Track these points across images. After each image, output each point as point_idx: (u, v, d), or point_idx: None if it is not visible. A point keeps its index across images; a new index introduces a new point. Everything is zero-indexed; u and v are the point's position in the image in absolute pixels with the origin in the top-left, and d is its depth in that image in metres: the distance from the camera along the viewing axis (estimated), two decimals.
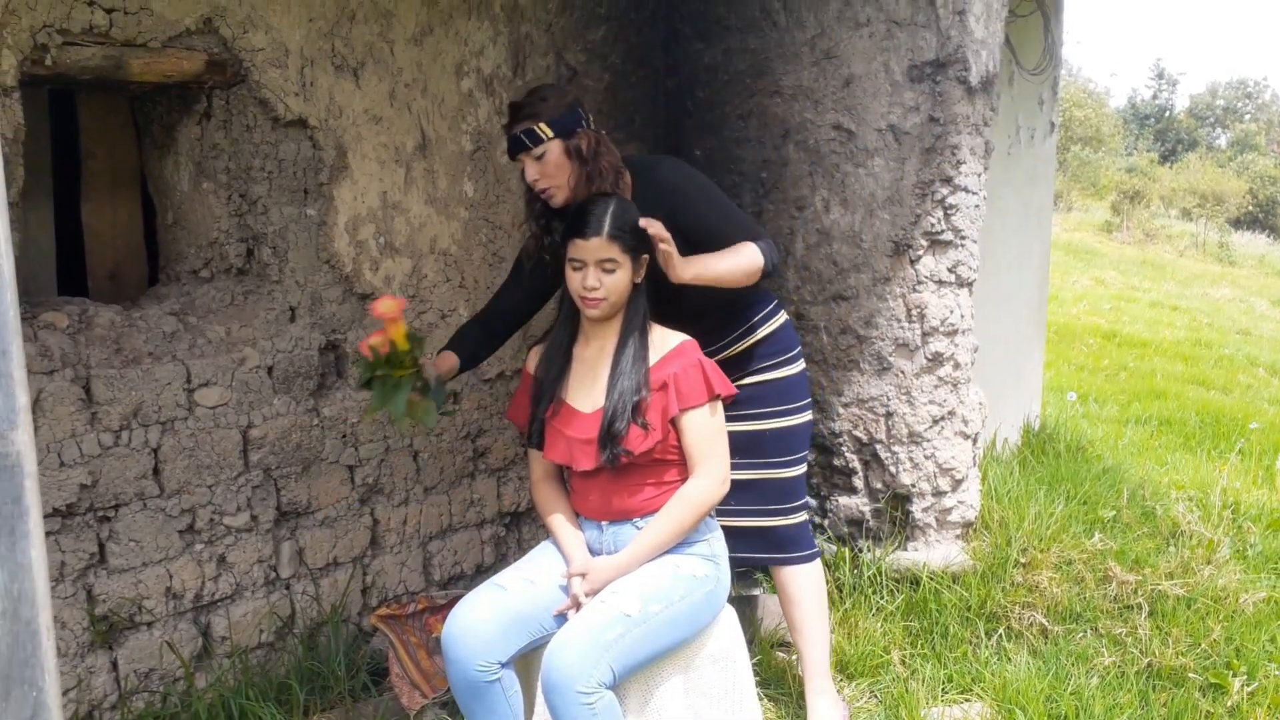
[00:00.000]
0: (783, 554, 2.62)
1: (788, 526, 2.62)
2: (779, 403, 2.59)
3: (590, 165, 2.35)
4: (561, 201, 2.37)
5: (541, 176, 2.34)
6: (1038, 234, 4.69)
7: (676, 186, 2.41)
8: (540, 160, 2.33)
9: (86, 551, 2.22)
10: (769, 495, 2.61)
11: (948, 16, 2.87)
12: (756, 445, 2.58)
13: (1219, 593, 3.11)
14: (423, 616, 2.61)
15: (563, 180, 2.35)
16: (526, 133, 2.32)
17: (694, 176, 2.47)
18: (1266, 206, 24.17)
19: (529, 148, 2.32)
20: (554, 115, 2.33)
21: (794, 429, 2.62)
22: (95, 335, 2.24)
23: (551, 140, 2.32)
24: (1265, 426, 5.85)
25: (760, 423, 2.58)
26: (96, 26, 2.12)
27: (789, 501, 2.63)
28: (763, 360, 2.58)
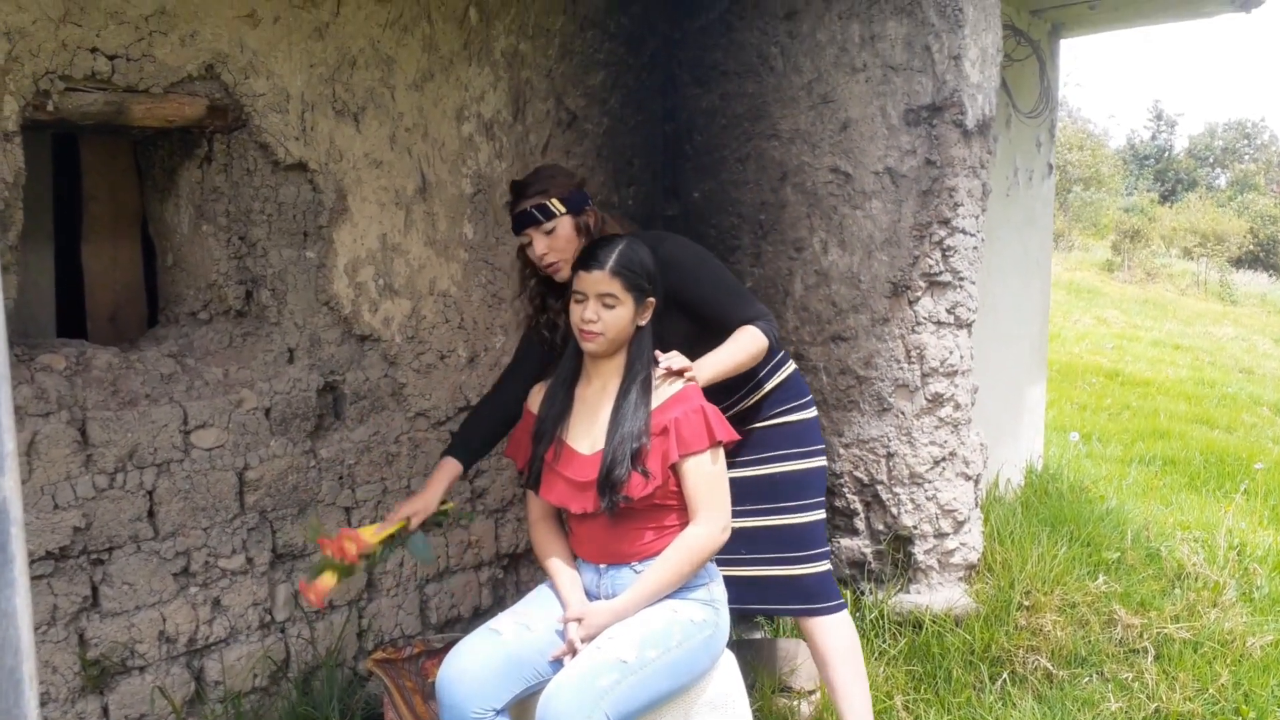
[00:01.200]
0: (807, 604, 2.53)
1: (809, 575, 2.54)
2: (791, 446, 2.56)
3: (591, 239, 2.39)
4: (566, 276, 2.38)
5: (550, 250, 2.36)
6: (1037, 274, 4.70)
7: (678, 262, 2.41)
8: (550, 235, 2.35)
9: (79, 595, 2.20)
10: (787, 542, 2.55)
11: (943, 61, 2.90)
12: (770, 490, 2.55)
13: (1226, 636, 3.07)
14: (419, 661, 2.58)
15: (570, 254, 2.36)
16: (539, 208, 2.35)
17: (695, 253, 2.47)
18: (1267, 245, 24.23)
19: (540, 222, 2.35)
20: (564, 193, 2.38)
21: (808, 473, 2.57)
22: (92, 377, 2.23)
23: (564, 215, 2.36)
24: (1270, 466, 5.81)
25: (772, 466, 2.55)
26: (99, 72, 2.15)
27: (808, 548, 2.56)
28: (773, 407, 2.57)
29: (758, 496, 2.53)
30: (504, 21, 2.90)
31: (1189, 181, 36.59)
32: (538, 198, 2.36)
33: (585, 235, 2.40)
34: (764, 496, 2.54)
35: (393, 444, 2.76)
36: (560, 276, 2.40)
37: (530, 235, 2.38)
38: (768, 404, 2.56)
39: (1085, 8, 4.17)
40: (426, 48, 2.72)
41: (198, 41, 2.29)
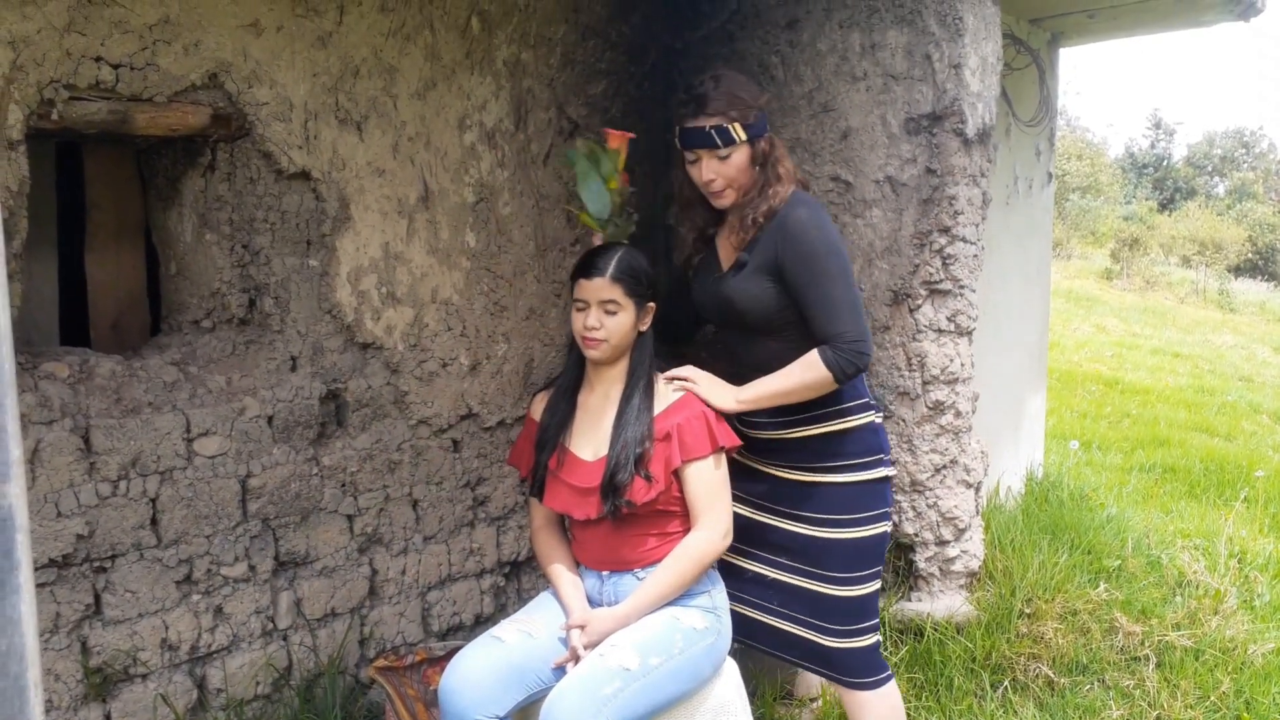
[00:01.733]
0: (846, 677, 2.30)
1: (852, 649, 2.27)
2: (853, 510, 2.26)
3: (769, 173, 2.24)
4: (728, 204, 2.26)
5: (720, 177, 2.21)
6: (1037, 282, 4.71)
7: (799, 238, 2.19)
8: (724, 161, 2.19)
9: (82, 603, 2.21)
10: (829, 612, 2.27)
11: (944, 70, 2.91)
12: (816, 554, 2.29)
13: (1227, 644, 3.07)
14: (421, 668, 2.58)
15: (740, 182, 2.23)
16: (719, 129, 2.16)
17: (820, 235, 2.20)
18: (1266, 254, 24.28)
19: (716, 146, 2.17)
20: (748, 117, 2.18)
21: (866, 542, 2.27)
22: (96, 385, 2.24)
23: (743, 143, 2.19)
24: (1270, 474, 5.81)
25: (830, 531, 2.28)
26: (103, 82, 2.15)
27: (855, 622, 2.27)
28: (835, 458, 2.28)
29: (804, 556, 2.30)
30: (506, 31, 2.91)
31: (1188, 190, 36.67)
32: (719, 118, 2.16)
33: (759, 167, 2.22)
34: (809, 558, 2.30)
35: (395, 452, 2.76)
36: (722, 203, 2.27)
37: (700, 155, 2.21)
38: (834, 451, 2.28)
39: (1084, 17, 4.19)
40: (429, 57, 2.73)
41: (201, 50, 2.30)
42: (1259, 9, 4.02)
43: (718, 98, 2.17)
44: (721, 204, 2.26)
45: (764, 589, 2.36)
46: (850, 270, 2.25)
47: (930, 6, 2.90)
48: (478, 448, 2.98)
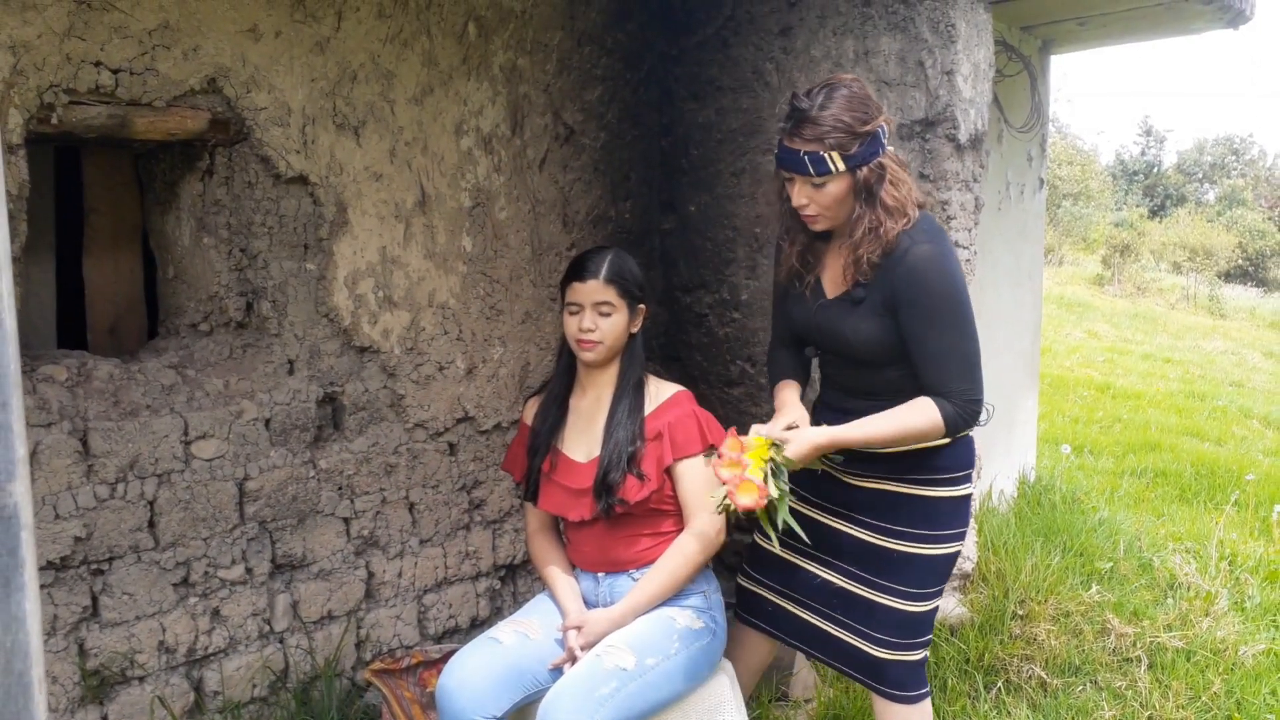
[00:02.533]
0: (888, 688, 2.22)
1: (899, 663, 2.19)
2: (925, 525, 2.15)
3: (871, 214, 2.00)
4: (822, 229, 2.09)
5: (812, 204, 2.02)
6: (1029, 287, 4.74)
7: (919, 281, 2.00)
8: (818, 189, 1.99)
9: (79, 605, 2.21)
10: (887, 625, 2.19)
11: (936, 76, 2.94)
12: (890, 566, 2.18)
13: (1218, 645, 3.10)
14: (417, 671, 2.59)
15: (837, 214, 2.04)
16: (813, 157, 1.95)
17: (940, 280, 2.00)
18: (1256, 260, 24.39)
19: (809, 173, 1.97)
20: (849, 146, 1.95)
21: (936, 558, 2.17)
22: (94, 388, 2.25)
23: (841, 174, 1.98)
24: (1261, 478, 5.85)
25: (899, 543, 2.17)
26: (103, 86, 2.17)
27: (911, 636, 2.19)
28: (915, 471, 2.15)
29: (874, 567, 2.20)
30: (502, 37, 2.93)
31: (1178, 196, 36.85)
32: (815, 144, 1.95)
33: (864, 199, 1.98)
34: (880, 570, 2.20)
35: (391, 455, 2.78)
36: (816, 228, 2.08)
37: (793, 179, 2.02)
38: (924, 465, 2.16)
39: (1075, 24, 4.23)
40: (426, 62, 2.75)
41: (200, 55, 2.31)
42: (1247, 17, 4.06)
43: (819, 120, 1.96)
44: (816, 228, 2.09)
45: (829, 596, 2.26)
46: (970, 317, 2.06)
47: (923, 13, 2.93)
48: (474, 451, 2.99)
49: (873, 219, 2.00)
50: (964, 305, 2.04)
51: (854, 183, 1.99)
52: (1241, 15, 4.02)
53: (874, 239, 2.01)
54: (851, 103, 1.99)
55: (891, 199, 2.01)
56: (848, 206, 2.03)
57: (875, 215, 2.00)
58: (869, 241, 2.01)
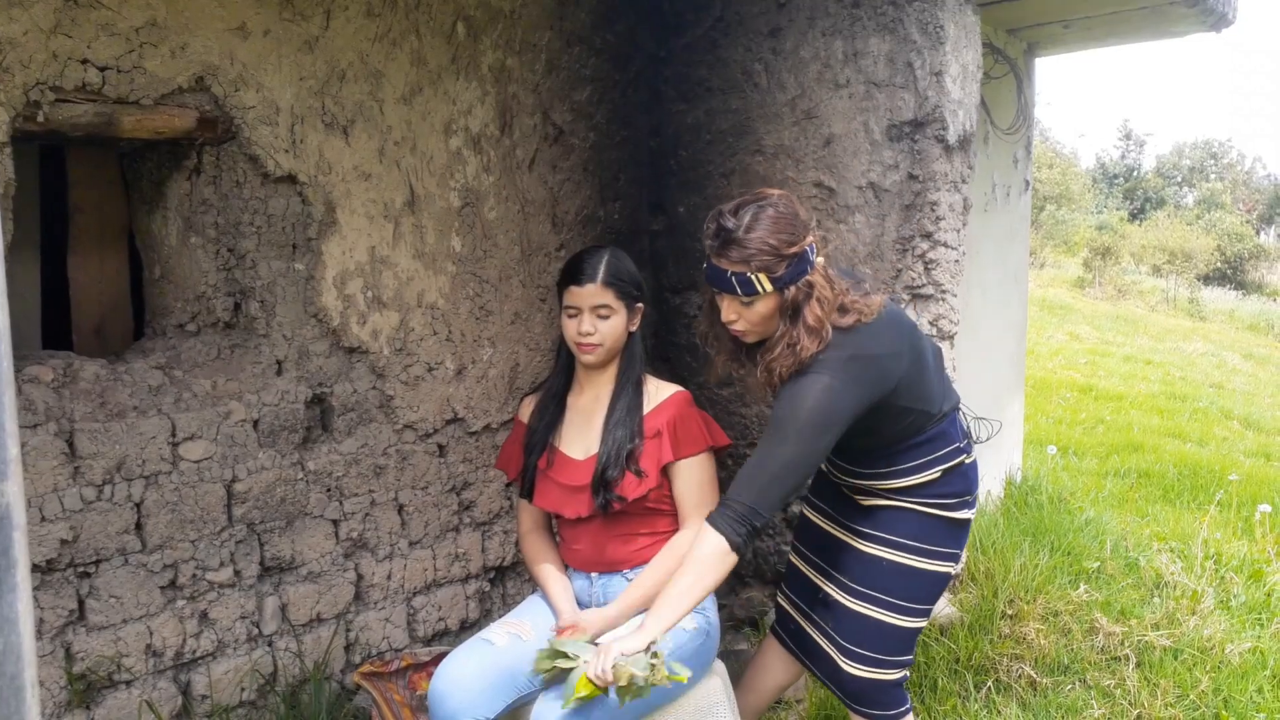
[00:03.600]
0: (855, 704, 2.23)
1: (868, 679, 2.19)
2: (919, 539, 2.15)
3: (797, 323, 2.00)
4: (752, 341, 2.10)
5: (741, 320, 2.04)
6: (1015, 288, 4.76)
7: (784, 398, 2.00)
8: (747, 307, 2.01)
9: (65, 608, 2.18)
10: (862, 637, 2.18)
11: (925, 78, 2.95)
12: (877, 575, 2.18)
13: (1205, 643, 3.12)
14: (407, 674, 2.57)
15: (765, 329, 2.05)
16: (740, 278, 1.96)
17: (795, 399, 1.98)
18: (1234, 263, 24.63)
19: (736, 293, 1.98)
20: (775, 269, 1.96)
21: (926, 574, 2.17)
22: (80, 389, 2.22)
23: (769, 294, 1.99)
24: (1243, 478, 5.90)
25: (890, 552, 2.17)
26: (90, 84, 2.15)
27: (884, 653, 2.18)
28: (924, 495, 2.17)
29: (859, 575, 2.20)
30: (491, 37, 2.92)
31: (1157, 200, 37.17)
32: (742, 266, 1.96)
33: (789, 317, 1.99)
34: (865, 579, 2.19)
35: (381, 456, 2.76)
36: (747, 340, 2.10)
37: (721, 297, 2.04)
38: (923, 490, 2.16)
39: (1060, 27, 4.25)
40: (415, 62, 2.74)
41: (188, 54, 2.29)
42: (1230, 20, 4.09)
43: (745, 243, 1.96)
44: (747, 340, 2.10)
45: (827, 610, 2.26)
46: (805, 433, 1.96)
47: (912, 15, 2.94)
48: (463, 452, 2.97)
49: (791, 337, 2.00)
50: (803, 423, 1.95)
51: (781, 302, 2.00)
52: (1224, 19, 4.05)
53: (788, 354, 2.00)
54: (778, 224, 1.98)
55: (813, 318, 1.99)
56: (773, 322, 2.03)
57: (795, 333, 2.00)
58: (784, 357, 2.00)
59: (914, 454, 2.14)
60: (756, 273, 1.95)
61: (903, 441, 2.13)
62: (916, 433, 2.13)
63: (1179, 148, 42.91)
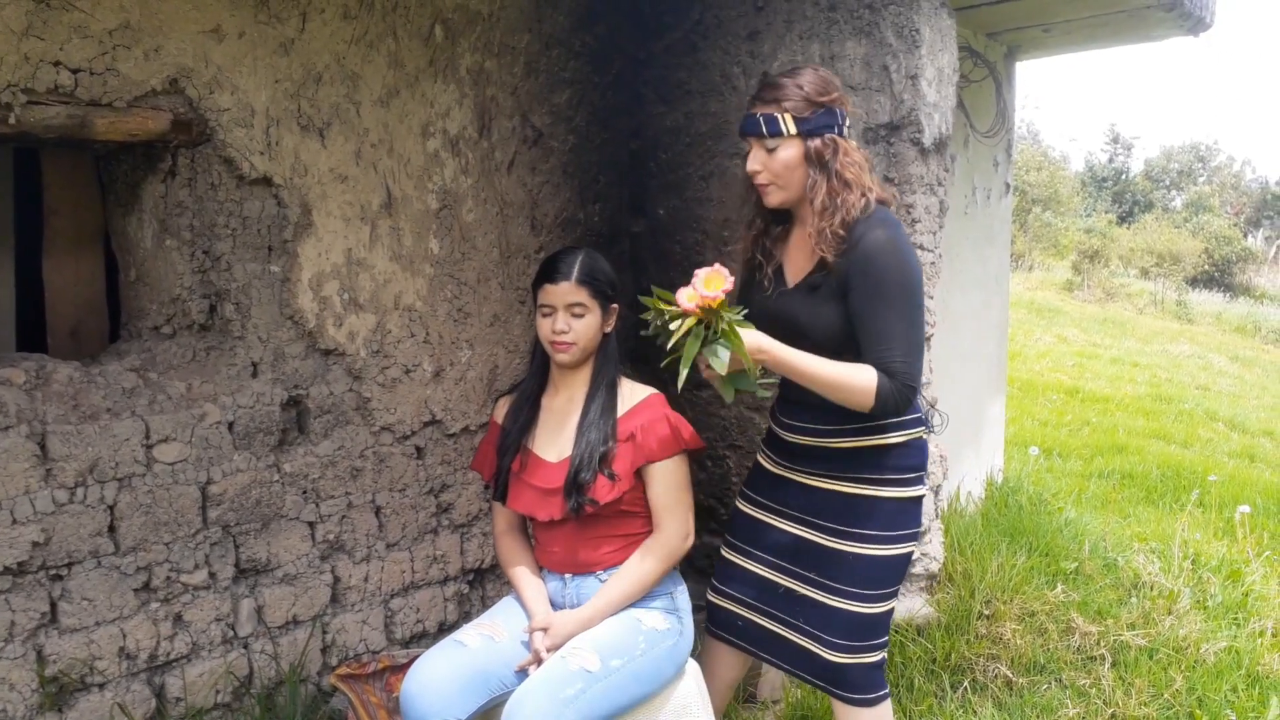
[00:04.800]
0: (844, 691, 2.22)
1: (853, 665, 2.20)
2: (881, 526, 2.17)
3: (831, 180, 2.03)
4: (775, 203, 2.12)
5: (764, 170, 2.07)
6: (996, 291, 4.78)
7: (872, 261, 2.02)
8: (770, 154, 2.05)
9: (37, 611, 2.18)
10: (840, 629, 2.19)
11: (901, 81, 2.97)
12: (842, 568, 2.19)
13: (1180, 643, 3.13)
14: (384, 676, 2.57)
15: (788, 185, 2.07)
16: (767, 118, 2.03)
17: (895, 262, 2.01)
18: (1222, 266, 24.72)
19: (762, 134, 2.04)
20: (802, 111, 2.02)
21: (890, 559, 2.18)
22: (53, 391, 2.22)
23: (791, 137, 2.04)
24: (1224, 479, 5.93)
25: (854, 545, 2.18)
26: (62, 86, 2.15)
27: (863, 639, 2.19)
28: (871, 470, 2.17)
29: (827, 569, 2.20)
30: (469, 39, 2.93)
31: (1146, 203, 37.32)
32: (771, 106, 2.03)
33: (817, 168, 2.03)
34: (833, 572, 2.20)
35: (357, 459, 2.76)
36: (768, 201, 2.12)
37: (750, 144, 2.09)
38: (877, 464, 2.17)
39: (1039, 31, 4.28)
40: (392, 64, 2.74)
41: (162, 56, 2.29)
42: (1207, 25, 4.12)
43: (780, 84, 2.05)
44: (769, 202, 2.13)
45: (777, 599, 2.27)
46: (920, 306, 2.04)
47: (888, 19, 2.95)
48: (441, 455, 2.98)
49: (830, 189, 2.04)
50: (915, 292, 2.03)
51: (805, 150, 2.05)
52: (1201, 23, 4.08)
53: (833, 210, 2.04)
54: (815, 76, 2.08)
55: (850, 173, 2.05)
56: (800, 177, 2.07)
57: (832, 185, 2.04)
58: (829, 214, 2.04)
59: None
60: (784, 113, 2.02)
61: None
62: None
63: (1167, 151, 43.10)
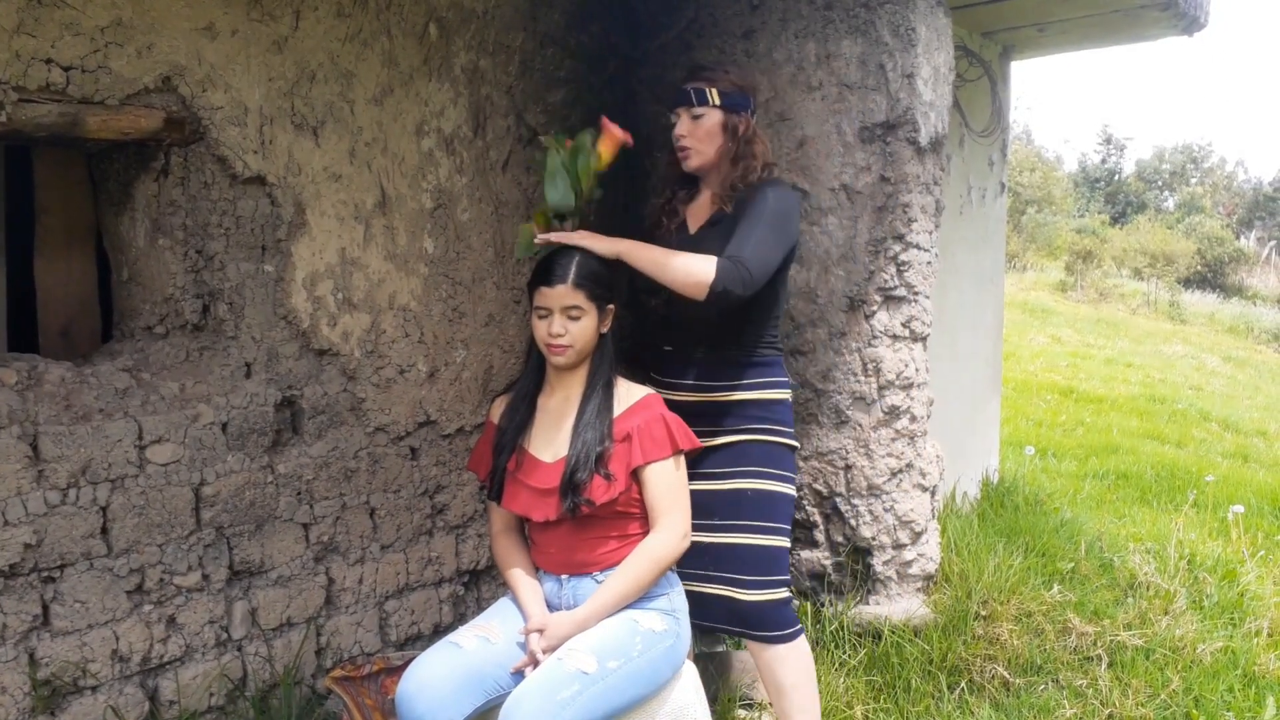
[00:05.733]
0: (757, 631, 2.42)
1: (764, 603, 2.41)
2: (765, 465, 2.45)
3: (740, 147, 2.45)
4: (694, 166, 2.50)
5: (689, 136, 2.46)
6: (991, 291, 4.78)
7: (758, 198, 2.40)
8: (695, 121, 2.45)
9: (29, 613, 2.16)
10: (745, 564, 2.42)
11: (897, 80, 2.96)
12: (735, 506, 2.44)
13: (1177, 643, 3.13)
14: (379, 678, 2.55)
15: (707, 149, 2.47)
16: (696, 90, 2.44)
17: (771, 198, 2.40)
18: (1214, 266, 24.77)
19: (692, 104, 2.44)
20: (727, 88, 2.45)
21: (777, 495, 2.46)
22: (45, 392, 2.20)
23: (715, 108, 2.44)
24: (1219, 479, 5.94)
25: (742, 481, 2.45)
26: (54, 84, 2.13)
27: (768, 574, 2.42)
28: (755, 421, 2.48)
29: (723, 511, 2.43)
30: (464, 38, 2.91)
31: (1138, 204, 37.40)
32: (700, 82, 2.45)
33: (731, 139, 2.45)
34: (730, 512, 2.44)
35: (351, 459, 2.74)
36: (688, 165, 2.51)
37: (679, 114, 2.48)
38: (751, 415, 2.48)
39: (1034, 30, 4.28)
40: (386, 63, 2.73)
41: (154, 54, 2.28)
42: (1201, 24, 4.12)
43: (710, 67, 2.49)
44: (687, 166, 2.50)
45: (688, 557, 2.38)
46: (785, 241, 2.40)
47: (883, 17, 2.95)
48: (436, 455, 2.96)
49: (739, 154, 2.46)
50: (784, 224, 2.40)
51: (725, 121, 2.45)
52: (1196, 22, 4.09)
53: (741, 172, 2.46)
54: (737, 69, 2.59)
55: (757, 147, 2.48)
56: (717, 144, 2.46)
57: (741, 151, 2.46)
58: (736, 174, 2.47)
59: (771, 370, 2.52)
60: (710, 88, 2.44)
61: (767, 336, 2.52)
62: (774, 337, 2.54)
63: (1160, 152, 43.20)
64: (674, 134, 2.51)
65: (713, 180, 2.55)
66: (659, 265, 2.34)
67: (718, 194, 2.52)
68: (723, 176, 2.50)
